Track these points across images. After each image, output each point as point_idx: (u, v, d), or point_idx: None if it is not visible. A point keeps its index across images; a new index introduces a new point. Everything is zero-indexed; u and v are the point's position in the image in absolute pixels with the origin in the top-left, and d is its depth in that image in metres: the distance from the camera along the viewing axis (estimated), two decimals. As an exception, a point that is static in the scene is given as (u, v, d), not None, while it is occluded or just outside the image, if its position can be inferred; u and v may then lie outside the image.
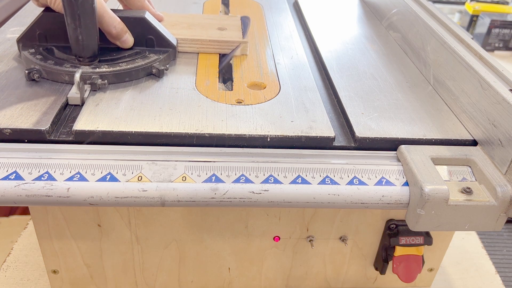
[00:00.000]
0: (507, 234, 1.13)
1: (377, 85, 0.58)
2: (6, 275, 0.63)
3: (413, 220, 0.43)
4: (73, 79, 0.49)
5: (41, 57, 0.53)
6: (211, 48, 0.62)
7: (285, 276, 0.60)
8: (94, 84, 0.51)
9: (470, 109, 0.50)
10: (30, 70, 0.51)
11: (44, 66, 0.52)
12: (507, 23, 1.33)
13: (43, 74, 0.52)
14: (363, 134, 0.47)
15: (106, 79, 0.51)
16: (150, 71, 0.55)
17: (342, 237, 0.56)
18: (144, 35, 0.57)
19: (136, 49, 0.56)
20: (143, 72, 0.54)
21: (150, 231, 0.53)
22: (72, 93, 0.49)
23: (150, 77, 0.55)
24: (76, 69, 0.50)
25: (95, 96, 0.50)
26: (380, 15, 0.80)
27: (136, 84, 0.53)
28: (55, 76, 0.51)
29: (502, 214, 0.42)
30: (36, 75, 0.51)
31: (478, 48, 0.55)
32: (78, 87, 0.49)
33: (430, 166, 0.44)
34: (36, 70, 0.51)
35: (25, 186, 0.40)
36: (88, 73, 0.51)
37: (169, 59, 0.58)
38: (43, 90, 0.50)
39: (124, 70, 0.53)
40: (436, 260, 0.60)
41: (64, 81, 0.51)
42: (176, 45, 0.59)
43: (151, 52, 0.56)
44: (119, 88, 0.52)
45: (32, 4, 0.74)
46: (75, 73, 0.49)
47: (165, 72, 0.55)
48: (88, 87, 0.51)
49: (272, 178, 0.43)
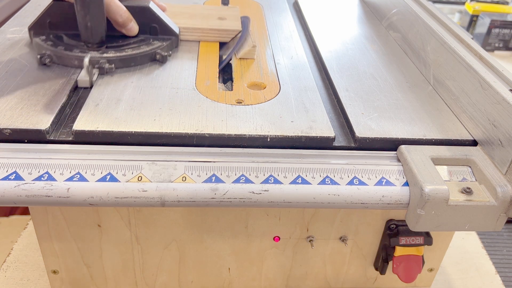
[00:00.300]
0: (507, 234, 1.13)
1: (377, 85, 0.58)
2: (6, 275, 0.63)
3: (413, 220, 0.43)
4: (82, 64, 0.52)
5: (51, 43, 0.56)
6: (211, 37, 0.65)
7: (285, 276, 0.60)
8: (102, 68, 0.54)
9: (470, 109, 0.50)
10: (42, 55, 0.54)
11: (55, 52, 0.55)
12: (507, 23, 1.33)
13: (54, 59, 0.55)
14: (363, 134, 0.47)
15: (113, 64, 0.54)
16: (154, 57, 0.58)
17: (342, 237, 0.56)
18: (148, 23, 0.60)
19: (140, 37, 0.60)
20: (148, 58, 0.57)
21: (150, 231, 0.53)
22: (81, 76, 0.52)
23: (154, 62, 0.58)
24: (85, 54, 0.54)
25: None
26: (380, 15, 0.80)
27: (141, 69, 0.56)
28: (65, 60, 0.55)
29: (502, 214, 0.42)
30: (48, 60, 0.54)
31: (478, 48, 0.55)
32: (87, 71, 0.52)
33: (430, 166, 0.44)
34: (48, 55, 0.54)
35: (25, 187, 0.40)
36: (96, 58, 0.54)
37: (172, 46, 0.61)
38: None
39: (130, 55, 0.56)
40: (436, 260, 0.60)
41: (73, 65, 0.54)
42: (178, 34, 0.62)
43: (155, 40, 0.59)
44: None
45: (32, 4, 0.74)
46: (84, 58, 0.52)
47: (168, 58, 0.59)
48: (96, 71, 0.54)
49: (272, 178, 0.43)
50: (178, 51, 0.62)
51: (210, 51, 0.62)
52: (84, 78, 0.52)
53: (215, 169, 0.43)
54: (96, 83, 0.52)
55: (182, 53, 0.61)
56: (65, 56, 0.54)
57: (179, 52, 0.61)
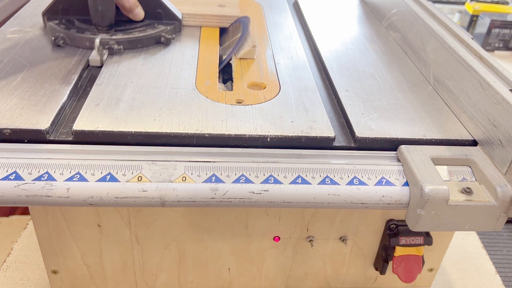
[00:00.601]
0: (507, 234, 1.13)
1: (377, 85, 0.58)
2: (6, 275, 0.63)
3: (413, 220, 0.43)
4: (93, 45, 0.58)
5: (64, 27, 0.61)
6: (212, 22, 0.70)
7: (285, 276, 0.60)
8: (111, 49, 0.59)
9: (470, 109, 0.50)
10: (56, 37, 0.60)
11: (68, 34, 0.60)
12: (507, 23, 1.33)
13: (66, 41, 0.60)
14: (363, 134, 0.47)
15: (121, 45, 0.59)
16: (159, 39, 0.63)
17: (342, 237, 0.56)
18: (153, 9, 0.65)
19: (146, 21, 0.65)
20: (153, 40, 0.63)
21: (150, 231, 0.53)
22: (93, 55, 0.57)
23: (159, 45, 0.63)
24: (95, 36, 0.59)
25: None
26: (380, 15, 0.80)
27: (147, 50, 0.61)
28: (77, 42, 0.60)
29: (502, 214, 0.42)
30: (61, 42, 0.60)
31: (478, 48, 0.55)
32: (98, 51, 0.57)
33: (430, 166, 0.44)
34: (61, 37, 0.60)
35: (25, 187, 0.40)
36: (106, 39, 0.59)
37: (175, 30, 0.66)
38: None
39: (137, 37, 0.61)
40: (436, 260, 0.60)
41: (85, 46, 0.60)
42: (181, 19, 0.67)
43: (160, 24, 0.65)
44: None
45: (32, 4, 0.74)
46: (95, 39, 0.57)
47: (171, 41, 0.63)
48: (106, 52, 0.59)
49: (272, 178, 0.43)
50: (181, 35, 0.67)
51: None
52: (95, 57, 0.57)
53: (215, 169, 0.43)
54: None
55: (185, 37, 0.66)
56: (77, 38, 0.60)
57: (182, 36, 0.67)
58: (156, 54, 0.60)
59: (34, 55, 0.58)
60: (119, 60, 0.58)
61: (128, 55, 0.59)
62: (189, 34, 0.67)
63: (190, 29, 0.69)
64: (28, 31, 0.64)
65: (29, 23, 0.66)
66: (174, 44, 0.63)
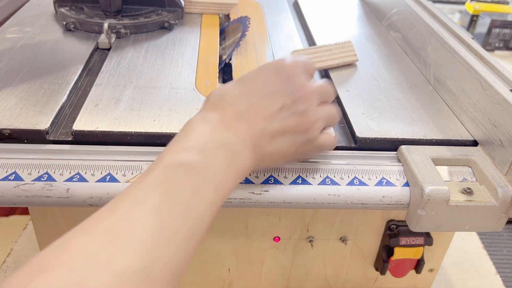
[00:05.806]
0: (508, 234, 1.13)
1: (377, 85, 0.57)
2: (6, 275, 0.63)
3: (413, 221, 0.43)
4: (102, 29, 0.63)
5: (75, 13, 0.67)
6: (212, 10, 0.75)
7: (285, 276, 0.60)
8: (118, 33, 0.64)
9: (470, 109, 0.50)
10: (67, 22, 0.65)
11: (78, 19, 0.65)
12: (507, 23, 1.33)
13: (77, 26, 0.65)
14: (364, 134, 0.47)
15: (128, 29, 0.65)
16: (163, 25, 0.68)
17: (342, 238, 0.56)
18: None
19: (151, 8, 0.70)
20: (157, 25, 0.68)
21: (150, 232, 0.53)
22: (101, 38, 0.62)
23: (163, 30, 0.68)
24: (104, 21, 0.63)
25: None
26: (380, 15, 0.80)
27: (152, 35, 0.66)
28: (87, 26, 0.65)
29: (502, 215, 0.42)
30: (72, 26, 0.65)
31: (479, 48, 0.55)
32: (106, 34, 0.62)
33: (431, 166, 0.44)
34: (72, 22, 0.65)
35: (25, 187, 0.40)
36: (114, 24, 0.64)
37: (177, 16, 0.71)
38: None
39: (143, 22, 0.66)
40: (436, 260, 0.60)
41: (94, 30, 0.65)
42: (183, 6, 0.72)
43: (163, 11, 0.70)
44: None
45: (32, 4, 0.74)
46: (104, 23, 0.62)
47: (174, 26, 0.69)
48: (114, 36, 0.63)
49: (272, 178, 0.43)
50: (184, 22, 0.72)
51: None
52: (104, 40, 0.61)
53: (215, 169, 0.43)
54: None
55: (187, 23, 0.72)
56: (87, 22, 0.65)
57: (185, 22, 0.72)
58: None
59: (34, 54, 0.57)
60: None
61: (134, 39, 0.64)
62: (190, 20, 0.73)
63: (191, 16, 0.74)
64: (28, 31, 0.64)
65: (29, 23, 0.66)
66: (176, 29, 0.68)
